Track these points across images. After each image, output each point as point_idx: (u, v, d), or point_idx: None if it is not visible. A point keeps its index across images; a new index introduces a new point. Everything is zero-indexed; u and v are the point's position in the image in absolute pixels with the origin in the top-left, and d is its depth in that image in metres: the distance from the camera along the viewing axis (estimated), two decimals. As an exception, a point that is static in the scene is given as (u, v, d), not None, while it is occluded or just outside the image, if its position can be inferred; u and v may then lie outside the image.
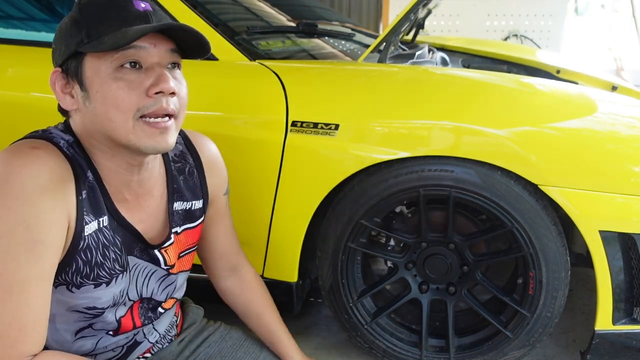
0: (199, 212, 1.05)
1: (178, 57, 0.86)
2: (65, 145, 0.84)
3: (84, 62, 0.82)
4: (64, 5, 1.76)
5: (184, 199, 1.01)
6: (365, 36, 2.42)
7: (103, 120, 0.82)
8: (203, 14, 1.53)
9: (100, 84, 0.80)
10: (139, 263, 0.94)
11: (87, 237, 0.84)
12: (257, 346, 1.17)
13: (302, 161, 1.36)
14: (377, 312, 1.51)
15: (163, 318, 1.05)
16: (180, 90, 0.85)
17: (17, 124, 1.53)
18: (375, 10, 5.88)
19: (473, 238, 1.42)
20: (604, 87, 2.08)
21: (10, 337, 0.73)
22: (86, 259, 0.84)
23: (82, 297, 0.87)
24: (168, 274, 0.99)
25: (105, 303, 0.90)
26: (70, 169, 0.82)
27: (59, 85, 0.85)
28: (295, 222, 1.40)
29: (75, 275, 0.84)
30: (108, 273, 0.88)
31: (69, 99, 0.85)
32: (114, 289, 0.90)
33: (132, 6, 0.81)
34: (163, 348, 1.08)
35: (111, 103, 0.80)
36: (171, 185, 0.99)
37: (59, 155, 0.82)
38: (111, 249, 0.88)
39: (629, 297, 1.31)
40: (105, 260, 0.87)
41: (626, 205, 1.25)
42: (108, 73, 0.80)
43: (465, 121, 1.29)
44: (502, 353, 1.44)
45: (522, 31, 5.45)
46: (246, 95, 1.39)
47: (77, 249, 0.83)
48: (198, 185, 1.04)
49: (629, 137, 1.32)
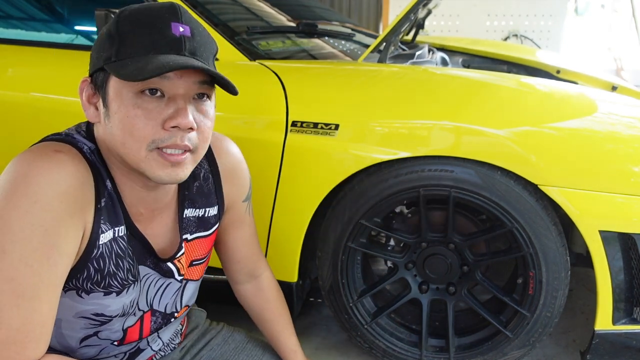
0: (213, 219, 1.01)
1: (208, 89, 0.83)
2: (88, 152, 0.82)
3: (110, 78, 0.79)
4: (64, 5, 1.76)
5: (196, 206, 0.98)
6: (365, 36, 2.42)
7: (117, 143, 0.80)
8: (203, 14, 1.53)
9: (119, 106, 0.78)
10: (150, 273, 0.92)
11: (102, 246, 0.83)
12: (260, 349, 1.16)
13: (302, 161, 1.36)
14: (377, 312, 1.51)
15: (169, 327, 1.03)
16: (202, 124, 0.82)
17: (17, 124, 1.53)
18: (375, 10, 5.88)
19: (473, 238, 1.42)
20: (604, 87, 2.08)
21: (17, 342, 0.72)
22: (99, 267, 0.83)
23: (91, 303, 0.86)
24: (182, 283, 0.98)
25: (114, 312, 0.88)
26: (92, 176, 0.81)
27: (86, 94, 0.83)
28: (295, 222, 1.40)
29: (86, 282, 0.83)
30: (120, 283, 0.87)
31: (93, 110, 0.83)
32: (124, 298, 0.88)
33: (169, 29, 0.77)
34: (165, 355, 1.07)
35: (127, 129, 0.78)
36: (182, 192, 0.96)
37: (82, 161, 0.80)
38: (125, 260, 0.87)
39: (629, 297, 1.31)
40: (117, 270, 0.86)
41: (626, 205, 1.25)
42: (129, 97, 0.77)
43: (465, 121, 1.29)
44: (502, 353, 1.44)
45: (522, 31, 5.45)
46: (246, 96, 1.39)
47: (90, 256, 0.82)
48: (213, 191, 1.00)
49: (629, 137, 1.32)
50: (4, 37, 1.66)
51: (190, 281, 1.00)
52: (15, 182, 0.73)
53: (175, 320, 1.03)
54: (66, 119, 1.28)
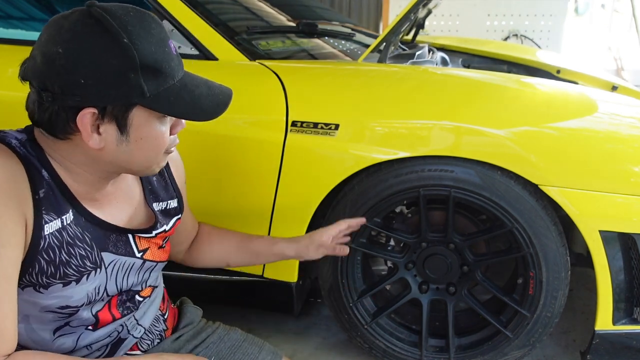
0: (173, 211, 1.05)
1: None
2: (18, 145, 0.82)
3: (134, 110, 0.80)
4: (64, 6, 1.76)
5: (160, 199, 1.03)
6: (365, 36, 2.42)
7: (136, 159, 0.84)
8: (203, 14, 1.53)
9: (149, 131, 0.82)
10: (116, 259, 0.93)
11: (48, 236, 0.82)
12: (256, 347, 1.16)
13: (302, 161, 1.36)
14: (377, 312, 1.51)
15: (146, 311, 1.03)
16: None
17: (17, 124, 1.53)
18: (375, 10, 5.88)
19: (473, 238, 1.42)
20: (604, 87, 2.08)
21: None
22: (49, 259, 0.83)
23: (52, 297, 0.85)
24: (143, 261, 0.98)
25: (79, 301, 0.88)
26: (24, 169, 0.81)
27: (91, 126, 0.79)
28: (295, 222, 1.40)
29: (40, 276, 0.83)
30: (76, 270, 0.86)
31: (96, 137, 0.81)
32: (85, 286, 0.88)
33: (170, 49, 0.82)
34: (155, 344, 1.07)
35: (154, 146, 0.84)
36: (146, 187, 1.00)
37: (11, 155, 0.80)
38: (79, 246, 0.86)
39: (629, 297, 1.31)
40: (70, 258, 0.85)
41: (626, 205, 1.25)
42: (156, 123, 0.83)
43: (465, 121, 1.29)
44: (502, 353, 1.44)
45: (522, 31, 5.45)
46: (246, 95, 1.39)
47: (37, 248, 0.81)
48: (170, 184, 1.05)
49: (629, 137, 1.32)
50: (4, 37, 1.66)
51: (149, 262, 1.00)
52: None
53: (148, 302, 1.03)
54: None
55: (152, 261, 1.01)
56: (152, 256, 1.00)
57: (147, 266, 1.00)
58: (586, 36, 6.69)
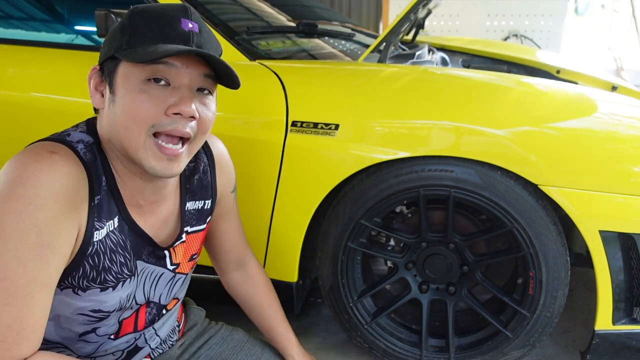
0: (207, 212, 1.05)
1: (211, 83, 0.87)
2: (83, 150, 0.84)
3: (119, 66, 0.83)
4: (64, 5, 1.76)
5: (196, 198, 1.02)
6: (365, 36, 2.42)
7: (119, 127, 0.82)
8: (203, 14, 1.53)
9: (126, 90, 0.81)
10: (146, 267, 0.94)
11: (96, 243, 0.84)
12: (259, 348, 1.17)
13: (302, 161, 1.36)
14: (377, 312, 1.51)
15: (166, 322, 1.05)
16: (203, 115, 0.85)
17: (17, 124, 1.53)
18: (375, 10, 5.88)
19: (473, 238, 1.42)
20: (604, 87, 2.09)
21: (8, 340, 0.73)
22: (94, 264, 0.84)
23: (88, 300, 0.87)
24: (174, 274, 1.00)
25: (112, 307, 0.90)
26: (86, 175, 0.82)
27: (93, 82, 0.87)
28: (295, 222, 1.40)
29: (82, 280, 0.84)
30: (115, 277, 0.88)
31: (99, 97, 0.86)
32: (120, 292, 0.90)
33: (178, 24, 0.82)
34: (163, 352, 1.08)
35: (130, 112, 0.81)
36: (184, 185, 1.00)
37: (76, 161, 0.82)
38: (120, 253, 0.88)
39: (629, 297, 1.31)
40: (112, 265, 0.87)
41: (626, 205, 1.25)
42: (136, 83, 0.81)
43: (465, 121, 1.29)
44: (502, 353, 1.44)
45: (522, 31, 5.45)
46: (246, 95, 1.39)
47: (85, 254, 0.83)
48: (209, 184, 1.05)
49: (629, 137, 1.32)
50: (4, 37, 1.67)
51: (179, 274, 1.02)
52: (10, 183, 0.75)
53: (169, 314, 1.05)
54: (66, 118, 1.28)
55: (182, 273, 1.02)
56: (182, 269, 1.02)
57: (177, 278, 1.02)
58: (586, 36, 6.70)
